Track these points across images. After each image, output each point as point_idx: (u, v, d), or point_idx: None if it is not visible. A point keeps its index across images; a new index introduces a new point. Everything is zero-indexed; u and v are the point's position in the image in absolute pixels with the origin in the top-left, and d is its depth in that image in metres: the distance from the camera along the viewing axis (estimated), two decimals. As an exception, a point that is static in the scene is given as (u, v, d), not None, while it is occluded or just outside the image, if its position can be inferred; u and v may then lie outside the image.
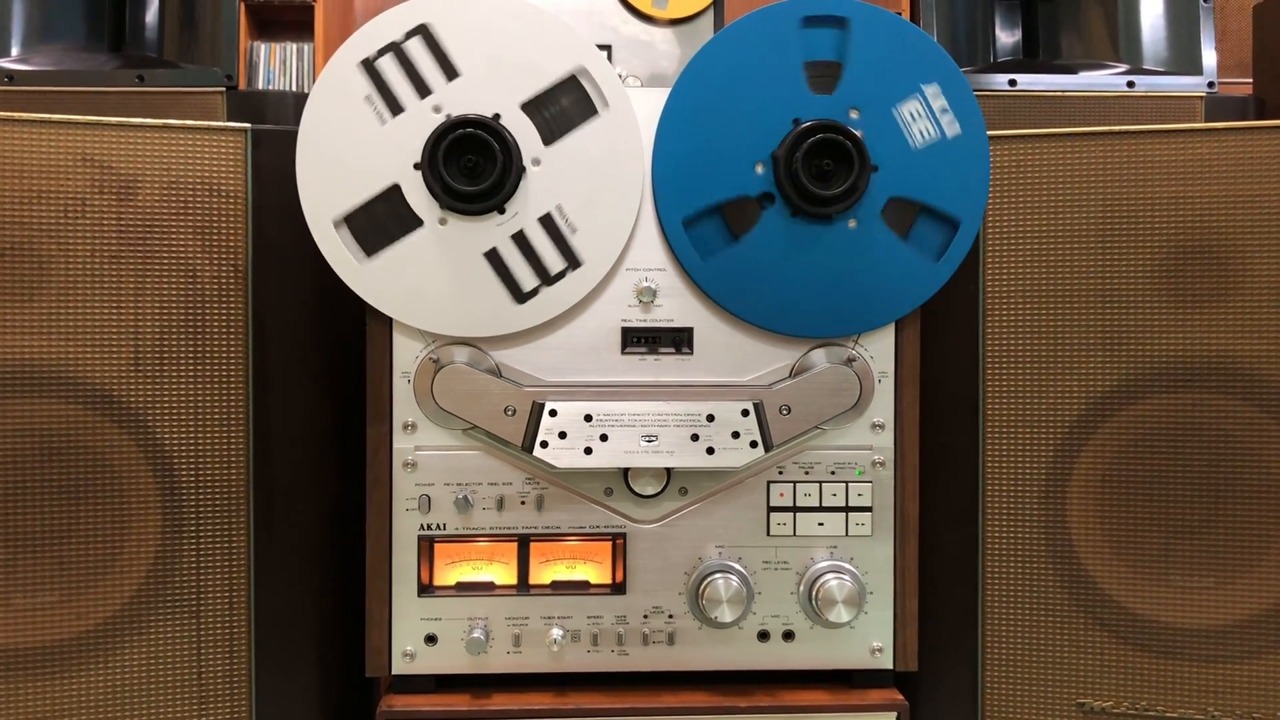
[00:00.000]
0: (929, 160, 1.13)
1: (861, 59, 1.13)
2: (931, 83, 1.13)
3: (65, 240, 1.08)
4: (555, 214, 1.13)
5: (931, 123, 1.12)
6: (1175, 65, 1.54)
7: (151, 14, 1.55)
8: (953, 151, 1.14)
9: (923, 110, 1.12)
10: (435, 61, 1.11)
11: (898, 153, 1.13)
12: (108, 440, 1.10)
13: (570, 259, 1.13)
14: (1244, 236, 1.13)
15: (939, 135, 1.13)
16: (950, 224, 1.15)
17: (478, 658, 1.15)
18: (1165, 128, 1.14)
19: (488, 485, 1.15)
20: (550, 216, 1.13)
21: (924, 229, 1.15)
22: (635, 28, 1.32)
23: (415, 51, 1.11)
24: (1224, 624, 1.15)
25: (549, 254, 1.13)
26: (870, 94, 1.13)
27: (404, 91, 1.11)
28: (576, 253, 1.13)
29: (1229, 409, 1.14)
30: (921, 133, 1.12)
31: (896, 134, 1.13)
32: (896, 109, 1.12)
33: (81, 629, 1.10)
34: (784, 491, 1.17)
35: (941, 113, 1.13)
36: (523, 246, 1.13)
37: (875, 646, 1.18)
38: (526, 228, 1.13)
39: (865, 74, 1.13)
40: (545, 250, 1.13)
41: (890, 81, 1.13)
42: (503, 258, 1.13)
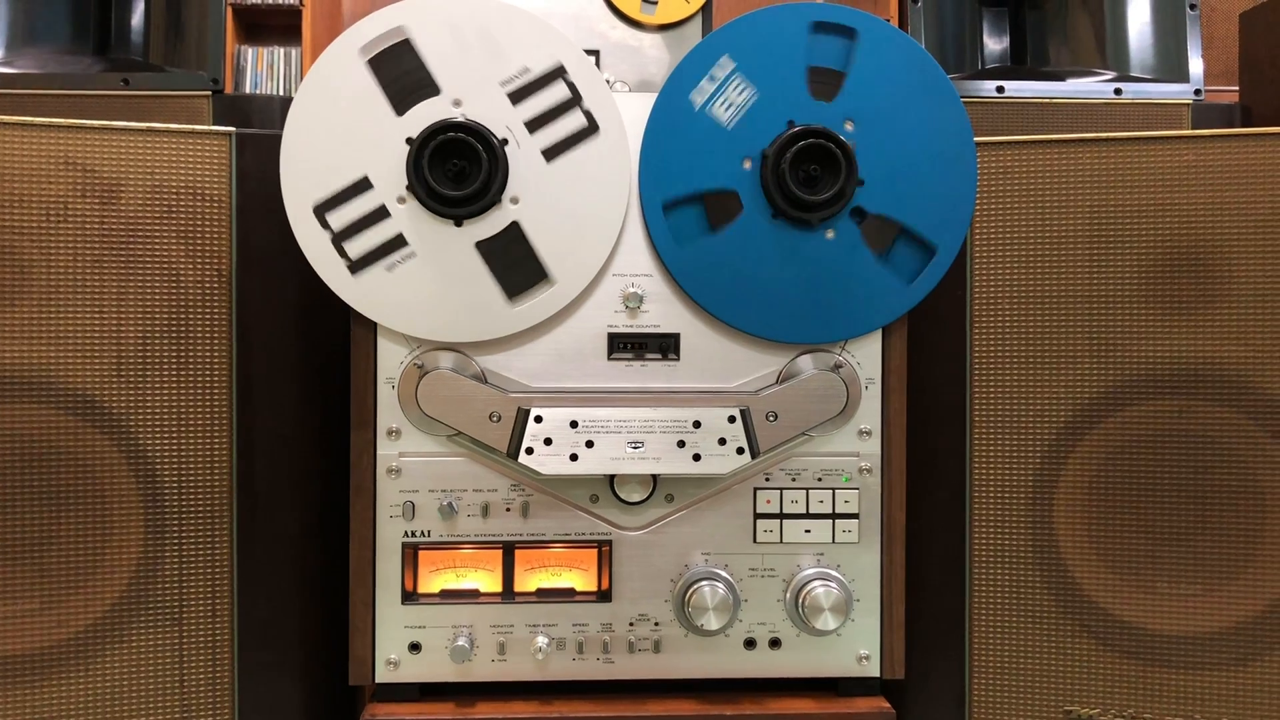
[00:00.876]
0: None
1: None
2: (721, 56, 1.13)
3: (47, 244, 1.07)
4: (507, 87, 1.12)
5: (724, 95, 1.13)
6: (1162, 73, 1.55)
7: (137, 17, 1.55)
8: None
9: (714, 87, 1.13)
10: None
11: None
12: (90, 446, 1.09)
13: (555, 76, 1.12)
14: (1230, 243, 1.13)
15: (739, 105, 1.13)
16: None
17: (462, 666, 1.14)
18: (1152, 135, 1.14)
19: (472, 492, 1.15)
20: (510, 93, 1.12)
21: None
22: (623, 33, 1.32)
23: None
24: (1210, 630, 1.15)
25: (549, 99, 1.12)
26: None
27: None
28: (549, 69, 1.12)
29: (1215, 416, 1.14)
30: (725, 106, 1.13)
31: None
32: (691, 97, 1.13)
33: (63, 636, 1.09)
34: (771, 498, 1.17)
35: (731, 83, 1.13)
36: (544, 121, 1.12)
37: (862, 654, 1.18)
38: (525, 117, 1.12)
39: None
40: (548, 101, 1.12)
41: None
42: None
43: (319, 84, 1.10)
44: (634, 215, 1.14)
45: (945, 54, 1.58)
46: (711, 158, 1.13)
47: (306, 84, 1.10)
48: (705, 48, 1.13)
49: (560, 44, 1.12)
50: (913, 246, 1.15)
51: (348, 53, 1.10)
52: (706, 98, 1.12)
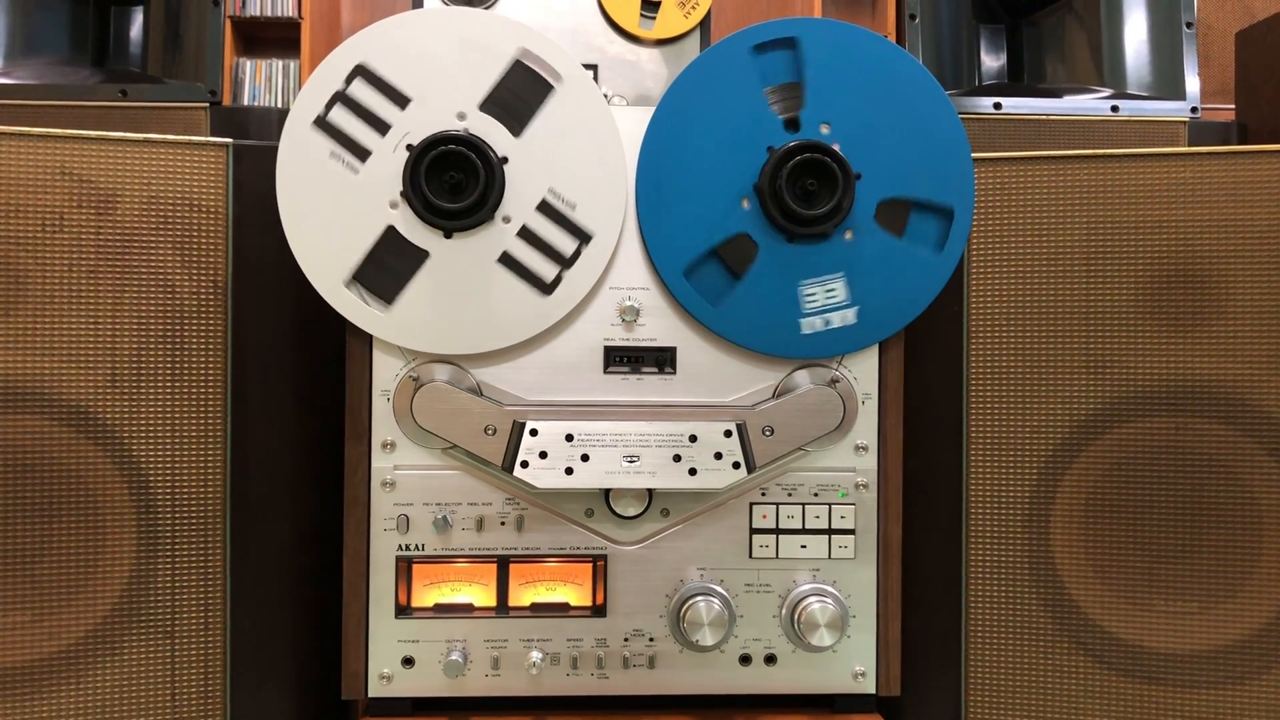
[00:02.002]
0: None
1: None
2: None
3: (42, 254, 1.07)
4: (550, 198, 1.12)
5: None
6: (1159, 90, 1.55)
7: (136, 29, 1.55)
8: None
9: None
10: (383, 96, 1.11)
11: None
12: (83, 457, 1.09)
13: (580, 235, 1.12)
14: (1227, 260, 1.13)
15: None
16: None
17: (455, 680, 1.13)
18: (1148, 151, 1.15)
19: (467, 505, 1.14)
20: (546, 202, 1.12)
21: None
22: (621, 48, 1.32)
23: (361, 93, 1.11)
24: (1208, 649, 1.15)
25: (558, 238, 1.12)
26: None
27: (365, 135, 1.11)
28: (584, 227, 1.13)
29: (1212, 433, 1.14)
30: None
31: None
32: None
33: (54, 649, 1.08)
34: (767, 513, 1.17)
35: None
36: (531, 240, 1.12)
37: (858, 671, 1.17)
38: (528, 221, 1.12)
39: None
40: (553, 236, 1.12)
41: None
42: (517, 258, 1.12)
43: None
44: (630, 228, 1.14)
45: (942, 71, 1.58)
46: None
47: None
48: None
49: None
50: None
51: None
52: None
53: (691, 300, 1.14)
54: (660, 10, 1.31)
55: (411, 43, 1.11)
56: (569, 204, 1.12)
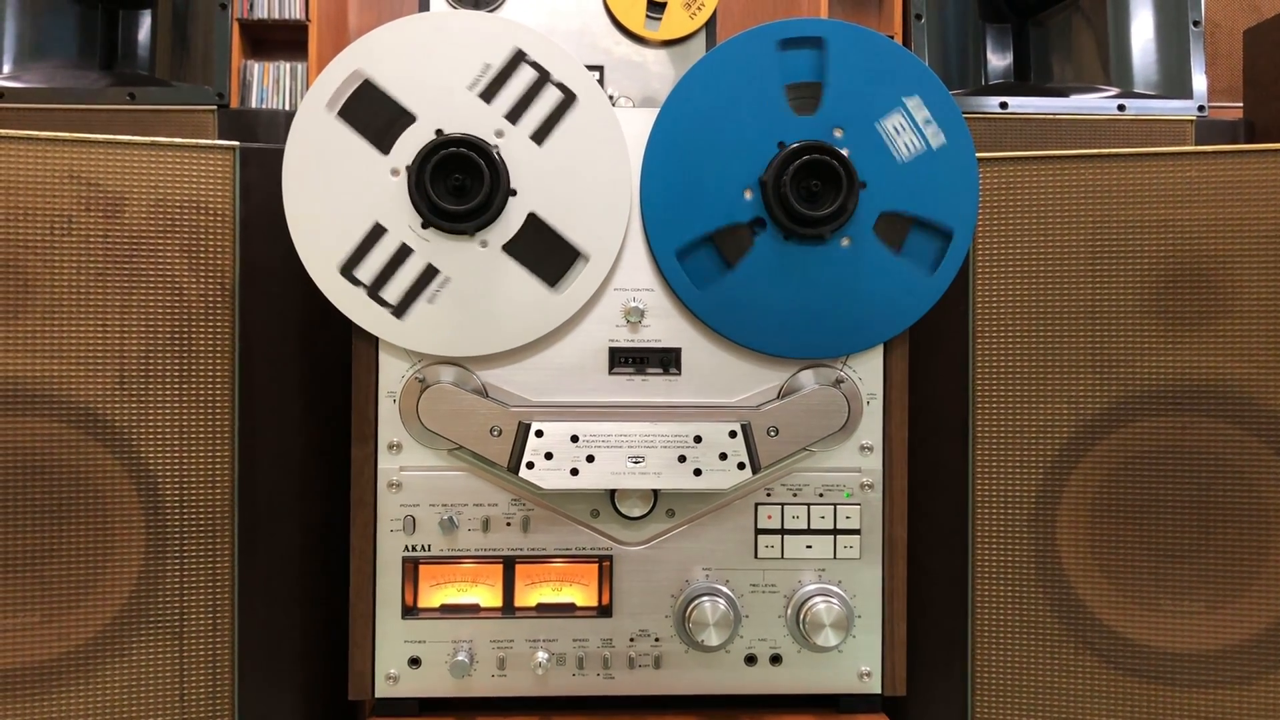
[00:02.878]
0: (917, 173, 1.13)
1: (841, 77, 1.13)
2: (913, 95, 1.13)
3: (51, 258, 1.08)
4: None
5: (916, 135, 1.12)
6: (1166, 89, 1.55)
7: (144, 32, 1.56)
8: (940, 163, 1.14)
9: (906, 123, 1.12)
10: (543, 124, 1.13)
11: (885, 168, 1.13)
12: (92, 459, 1.09)
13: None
14: (1233, 259, 1.13)
15: (924, 147, 1.13)
16: (943, 235, 1.14)
17: (461, 681, 1.14)
18: (1155, 151, 1.14)
19: (473, 506, 1.15)
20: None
21: (917, 242, 1.15)
22: (627, 49, 1.32)
23: (546, 97, 1.13)
24: (1215, 649, 1.15)
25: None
26: (852, 111, 1.13)
27: (505, 99, 1.12)
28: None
29: (1219, 432, 1.13)
30: (907, 145, 1.12)
31: (882, 149, 1.13)
32: (880, 124, 1.12)
33: (64, 649, 1.09)
34: (772, 514, 1.17)
35: (925, 124, 1.13)
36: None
37: (863, 671, 1.17)
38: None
39: (846, 92, 1.13)
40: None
41: (871, 97, 1.13)
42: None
43: (301, 151, 1.11)
44: (635, 230, 1.14)
45: (949, 70, 1.58)
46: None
47: (289, 155, 1.11)
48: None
49: (511, 30, 1.12)
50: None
51: (316, 111, 1.11)
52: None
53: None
54: (666, 11, 1.31)
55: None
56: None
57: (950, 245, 1.14)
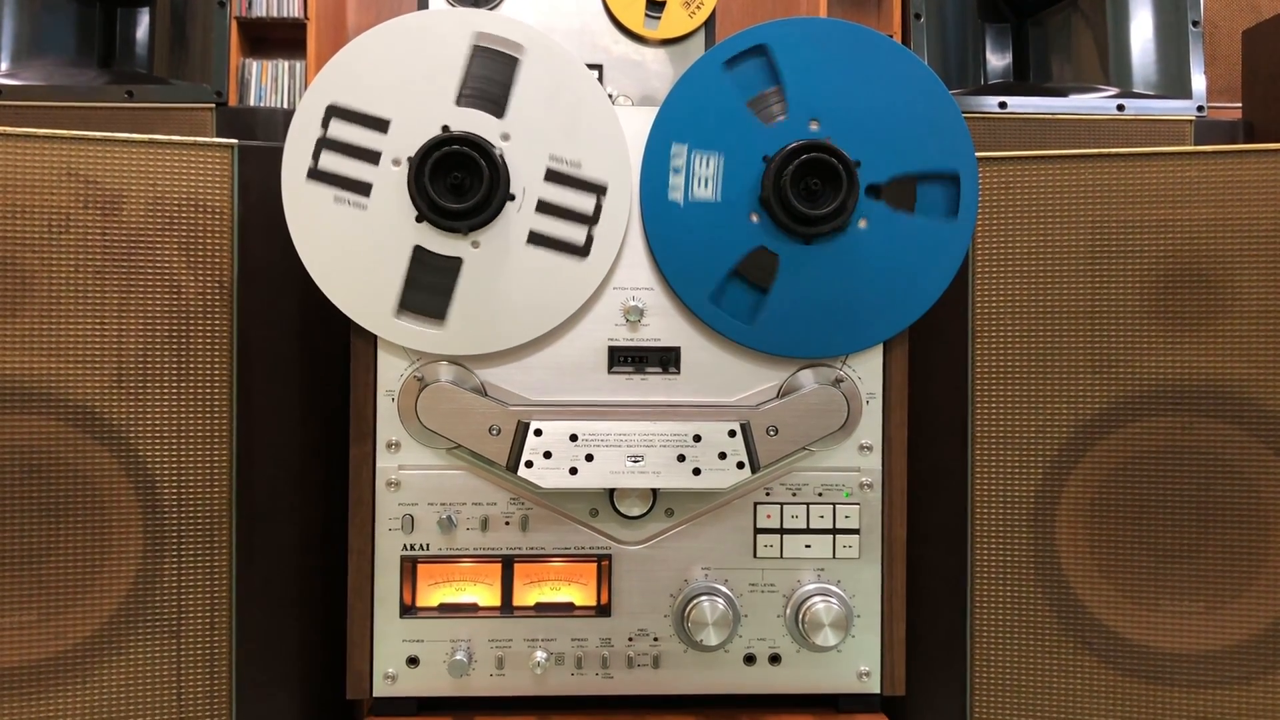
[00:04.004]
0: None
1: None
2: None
3: (49, 255, 1.07)
4: (553, 164, 1.12)
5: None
6: (1165, 89, 1.55)
7: (142, 30, 1.56)
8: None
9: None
10: (362, 126, 1.11)
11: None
12: (89, 457, 1.09)
13: (593, 189, 1.13)
14: (1233, 259, 1.13)
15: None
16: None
17: (460, 680, 1.14)
18: (1154, 150, 1.14)
19: (472, 505, 1.14)
20: (551, 170, 1.12)
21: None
22: (626, 48, 1.32)
23: (341, 131, 1.11)
24: (1214, 649, 1.15)
25: (575, 199, 1.13)
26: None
27: (360, 170, 1.11)
28: (594, 181, 1.13)
29: (1218, 432, 1.13)
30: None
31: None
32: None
33: (60, 648, 1.09)
34: (771, 513, 1.16)
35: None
36: (551, 211, 1.12)
37: (862, 670, 1.17)
38: (541, 194, 1.12)
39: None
40: (569, 199, 1.13)
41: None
42: (543, 233, 1.12)
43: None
44: (634, 227, 1.14)
45: (948, 70, 1.58)
46: (722, 232, 1.13)
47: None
48: (655, 142, 1.13)
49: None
50: (935, 186, 1.14)
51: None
52: (683, 191, 1.13)
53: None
54: (665, 10, 1.30)
55: (372, 67, 1.11)
56: (573, 164, 1.12)
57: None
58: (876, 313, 1.14)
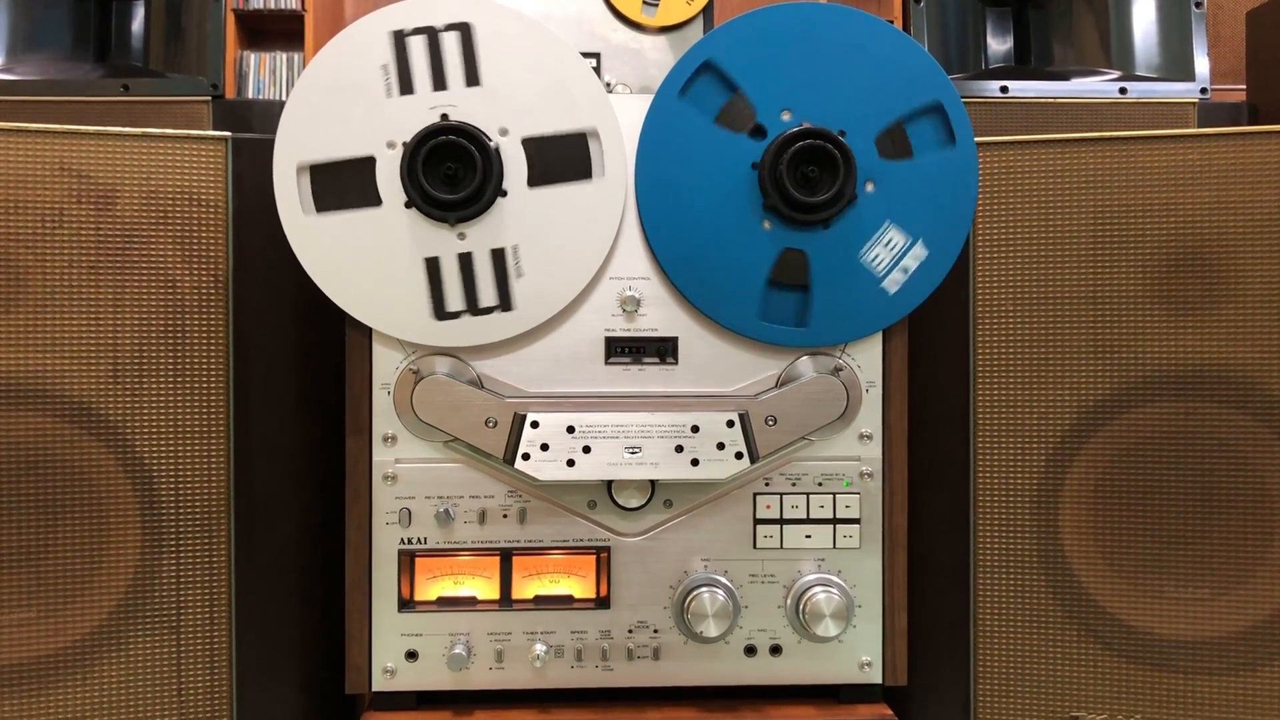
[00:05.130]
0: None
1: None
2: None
3: (42, 251, 1.07)
4: (509, 252, 1.12)
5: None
6: (1168, 72, 1.53)
7: (137, 23, 1.55)
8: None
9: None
10: (462, 62, 1.11)
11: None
12: (86, 453, 1.08)
13: (504, 300, 1.12)
14: (1236, 243, 1.11)
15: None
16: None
17: (459, 674, 1.13)
18: (1156, 134, 1.13)
19: (469, 498, 1.14)
20: (503, 252, 1.12)
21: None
22: (624, 35, 1.31)
23: (448, 44, 1.11)
24: (1219, 635, 1.14)
25: (486, 286, 1.12)
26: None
27: (421, 77, 1.11)
28: (511, 297, 1.12)
29: (1222, 417, 1.12)
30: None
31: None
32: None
33: (60, 645, 1.08)
34: (770, 503, 1.16)
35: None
36: (465, 269, 1.12)
37: (864, 660, 1.17)
38: (476, 253, 1.12)
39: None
40: (484, 281, 1.12)
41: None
42: (441, 271, 1.12)
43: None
44: (630, 217, 1.13)
45: (948, 54, 1.57)
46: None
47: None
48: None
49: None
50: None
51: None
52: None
53: (786, 336, 1.15)
54: (663, -3, 1.30)
55: (520, 43, 1.11)
56: (518, 270, 1.12)
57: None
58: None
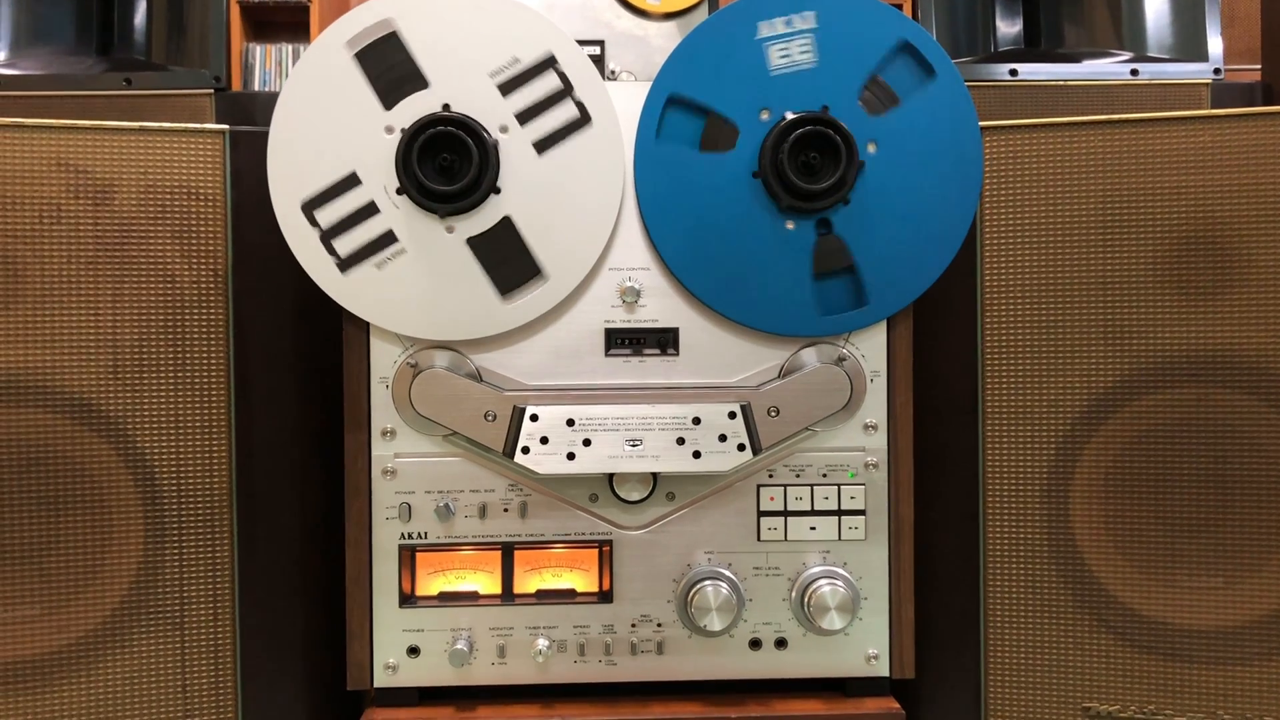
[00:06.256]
0: (835, 55, 1.11)
1: (714, 91, 1.12)
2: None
3: (40, 247, 1.07)
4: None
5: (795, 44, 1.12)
6: (1180, 52, 1.51)
7: (140, 17, 1.54)
8: (837, 30, 1.12)
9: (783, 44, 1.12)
10: (345, 193, 1.10)
11: (819, 79, 1.11)
12: (88, 450, 1.08)
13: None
14: (1248, 226, 1.10)
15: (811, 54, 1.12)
16: (904, 51, 1.12)
17: (461, 669, 1.13)
18: (1166, 115, 1.11)
19: (469, 493, 1.13)
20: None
21: (896, 77, 1.13)
22: (629, 22, 1.30)
23: (331, 212, 1.11)
24: (1233, 624, 1.12)
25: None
26: (751, 92, 1.11)
27: (374, 225, 1.11)
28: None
29: (1234, 403, 1.11)
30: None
31: (802, 74, 1.11)
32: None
33: (64, 642, 1.09)
34: (774, 495, 1.15)
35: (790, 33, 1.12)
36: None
37: (871, 654, 1.16)
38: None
39: (729, 91, 1.12)
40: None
41: (740, 68, 1.11)
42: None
43: (306, 79, 1.09)
44: (629, 207, 1.12)
45: (957, 37, 1.55)
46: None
47: (293, 78, 1.09)
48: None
49: (550, 33, 1.10)
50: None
51: (334, 46, 1.09)
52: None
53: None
54: (668, -18, 1.29)
55: (305, 137, 1.10)
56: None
57: (918, 48, 1.12)
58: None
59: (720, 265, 1.12)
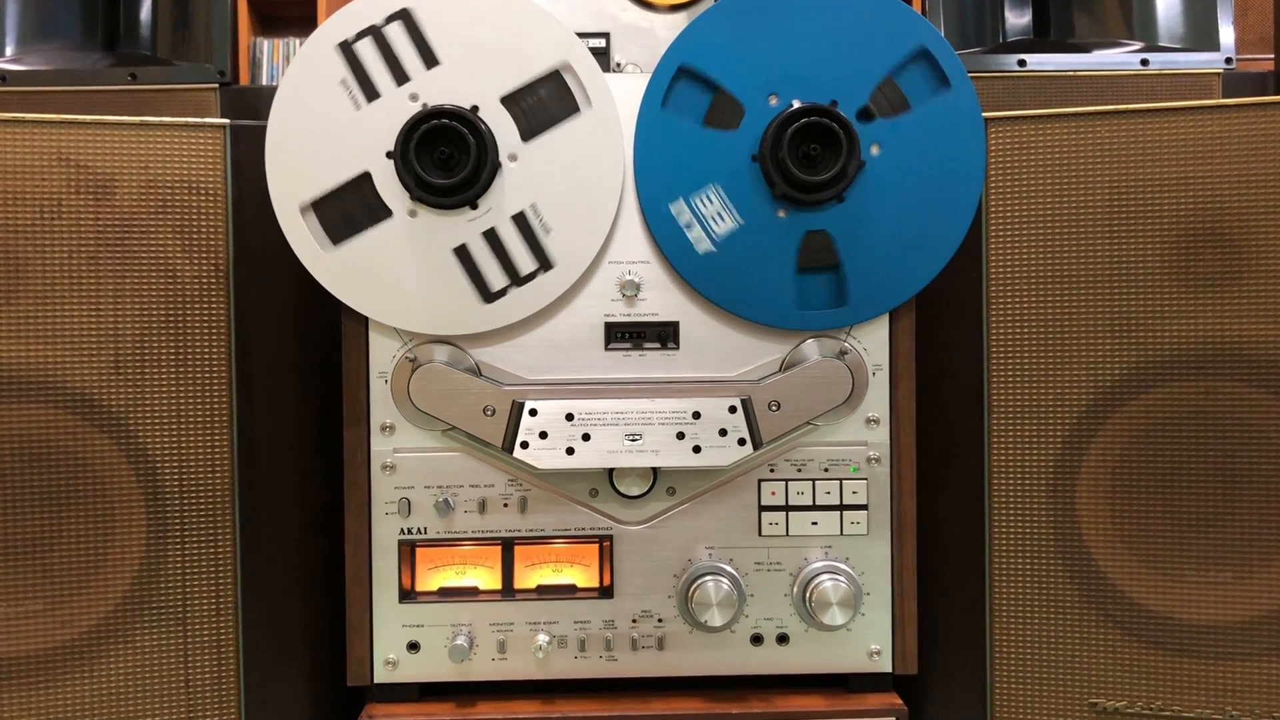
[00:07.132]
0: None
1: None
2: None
3: (42, 242, 1.07)
4: (529, 212, 1.11)
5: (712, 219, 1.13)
6: (1192, 42, 1.50)
7: (145, 11, 1.55)
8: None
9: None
10: (415, 48, 1.10)
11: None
12: (90, 445, 1.08)
13: (542, 260, 1.11)
14: (1257, 217, 1.08)
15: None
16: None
17: (461, 665, 1.13)
18: (1174, 105, 1.10)
19: (469, 488, 1.13)
20: (524, 215, 1.11)
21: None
22: (634, 14, 1.30)
23: (395, 36, 1.10)
24: (1242, 620, 1.11)
25: (520, 254, 1.11)
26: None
27: (381, 77, 1.10)
28: (549, 254, 1.11)
29: (1243, 396, 1.10)
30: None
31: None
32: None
33: (67, 637, 1.09)
34: (776, 490, 1.14)
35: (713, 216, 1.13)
36: (494, 244, 1.11)
37: (873, 649, 1.15)
38: (499, 225, 1.11)
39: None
40: (516, 249, 1.11)
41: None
42: (472, 255, 1.11)
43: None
44: (629, 201, 1.12)
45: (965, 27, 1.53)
46: (763, 248, 1.12)
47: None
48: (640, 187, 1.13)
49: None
50: (912, 71, 1.12)
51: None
52: (708, 239, 1.12)
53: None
54: (673, -26, 1.28)
55: (465, 9, 1.10)
56: (545, 227, 1.11)
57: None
58: (936, 214, 1.12)
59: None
